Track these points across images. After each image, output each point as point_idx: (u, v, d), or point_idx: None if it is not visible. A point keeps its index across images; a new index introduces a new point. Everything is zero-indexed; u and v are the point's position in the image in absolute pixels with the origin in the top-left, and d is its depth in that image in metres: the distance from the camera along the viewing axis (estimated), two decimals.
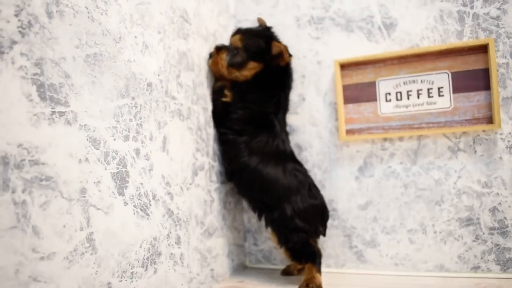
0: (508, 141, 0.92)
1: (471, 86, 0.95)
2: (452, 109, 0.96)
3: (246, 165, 0.95)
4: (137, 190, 0.72)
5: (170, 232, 0.81)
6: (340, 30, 1.05)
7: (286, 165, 0.97)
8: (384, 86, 1.01)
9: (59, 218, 0.56)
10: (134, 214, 0.70)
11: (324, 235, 0.99)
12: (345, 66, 1.04)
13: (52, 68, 0.56)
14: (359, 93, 1.03)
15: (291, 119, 1.08)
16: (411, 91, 0.99)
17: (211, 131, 1.00)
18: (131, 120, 0.71)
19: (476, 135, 0.95)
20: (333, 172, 1.07)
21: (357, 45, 1.04)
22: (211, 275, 0.96)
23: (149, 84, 0.77)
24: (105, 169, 0.64)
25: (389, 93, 1.01)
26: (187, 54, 0.92)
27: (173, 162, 0.84)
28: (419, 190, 1.00)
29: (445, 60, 0.96)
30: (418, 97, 0.99)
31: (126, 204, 0.69)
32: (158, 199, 0.78)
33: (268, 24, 1.10)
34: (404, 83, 1.00)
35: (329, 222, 1.03)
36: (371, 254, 1.04)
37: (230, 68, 0.98)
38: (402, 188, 1.01)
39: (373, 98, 1.02)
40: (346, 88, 1.04)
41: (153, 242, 0.75)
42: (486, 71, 0.93)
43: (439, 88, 0.97)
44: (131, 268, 0.69)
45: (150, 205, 0.75)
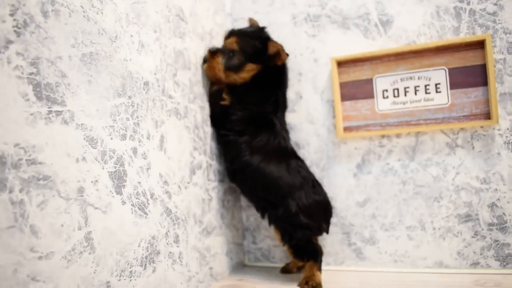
0: (506, 137, 0.92)
1: (469, 82, 0.95)
2: (450, 105, 0.96)
3: (248, 164, 0.95)
4: (135, 189, 0.72)
5: (169, 231, 0.81)
6: (337, 28, 1.05)
7: (289, 162, 0.97)
8: (381, 83, 1.01)
9: (57, 218, 0.56)
10: (132, 213, 0.70)
11: (327, 232, 0.99)
12: (342, 64, 1.04)
13: (48, 68, 0.56)
14: (356, 90, 1.03)
15: (289, 117, 1.08)
16: (409, 88, 0.99)
17: (209, 130, 1.00)
18: (128, 119, 0.71)
19: (474, 131, 0.95)
20: (331, 170, 1.07)
21: (354, 42, 1.04)
22: (210, 274, 0.96)
23: (146, 83, 0.77)
24: (103, 168, 0.64)
25: (386, 90, 1.01)
26: (184, 53, 0.92)
27: (171, 161, 0.83)
28: (418, 187, 1.00)
29: (442, 56, 0.96)
30: (416, 94, 0.99)
31: (124, 203, 0.69)
32: (156, 198, 0.77)
33: (265, 23, 1.10)
34: (401, 80, 1.00)
35: None
36: (370, 251, 1.04)
37: (228, 72, 0.96)
38: (401, 185, 1.01)
39: (370, 95, 1.02)
40: (343, 86, 1.04)
41: (152, 241, 0.75)
42: (483, 67, 0.93)
43: (437, 85, 0.97)
44: (130, 267, 0.69)
45: (148, 204, 0.75)
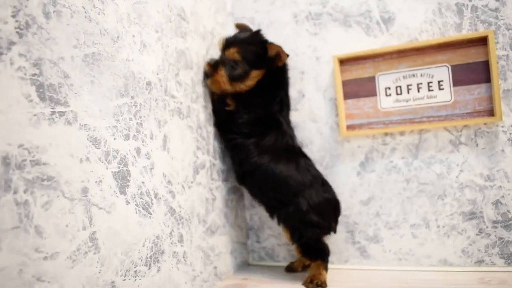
0: (510, 134, 0.92)
1: (471, 79, 0.94)
2: (453, 103, 0.96)
3: (258, 165, 0.95)
4: (139, 189, 0.72)
5: (173, 231, 0.81)
6: (338, 26, 1.05)
7: (298, 161, 0.97)
8: (384, 81, 1.01)
9: (62, 218, 0.56)
10: (136, 213, 0.70)
11: (335, 232, 0.99)
12: (344, 62, 1.04)
13: (51, 68, 0.56)
14: (359, 88, 1.03)
15: (291, 116, 1.07)
16: (411, 85, 0.99)
17: (211, 129, 1.00)
18: (131, 119, 0.71)
19: (478, 128, 0.95)
20: (335, 168, 1.07)
21: (356, 40, 1.04)
22: (215, 273, 0.96)
23: (148, 83, 0.77)
24: (106, 169, 0.64)
25: (389, 88, 1.00)
26: (186, 53, 0.92)
27: (174, 161, 0.84)
28: (421, 185, 0.99)
29: (445, 53, 0.96)
30: (418, 91, 0.98)
31: (128, 203, 0.69)
32: (160, 198, 0.78)
33: (266, 22, 1.10)
34: (404, 77, 0.99)
35: None
36: (374, 250, 1.04)
37: (233, 83, 0.96)
38: (404, 183, 1.01)
39: (373, 93, 1.02)
40: (346, 84, 1.04)
41: (156, 241, 0.75)
42: (486, 64, 0.93)
43: (439, 82, 0.97)
44: (135, 267, 0.69)
45: (152, 204, 0.75)
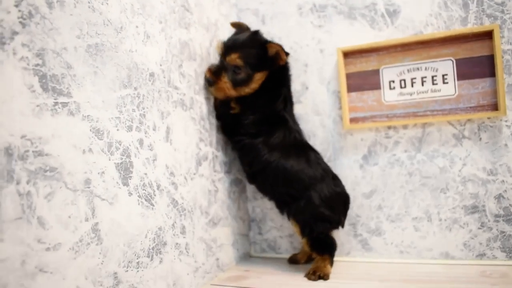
0: None
1: (476, 73, 0.94)
2: (457, 96, 0.95)
3: (269, 162, 0.94)
4: (141, 181, 0.72)
5: (175, 222, 0.81)
6: (343, 18, 1.04)
7: (309, 155, 0.97)
8: (388, 74, 1.00)
9: (64, 209, 0.56)
10: (139, 204, 0.71)
11: (343, 226, 0.99)
12: (348, 54, 1.03)
13: (54, 59, 0.56)
14: (363, 81, 1.02)
15: (295, 109, 1.07)
16: (415, 79, 0.98)
17: (214, 121, 1.00)
18: (134, 111, 0.71)
19: (481, 122, 0.94)
20: (337, 161, 1.07)
21: (360, 33, 1.03)
22: (217, 265, 0.96)
23: (152, 74, 0.77)
24: (109, 160, 0.64)
25: (393, 81, 1.00)
26: (189, 44, 0.91)
27: (177, 152, 0.83)
28: (424, 178, 0.99)
29: (450, 47, 0.95)
30: (422, 85, 0.98)
31: (131, 195, 0.69)
32: (163, 189, 0.78)
33: (270, 13, 1.09)
34: (408, 71, 0.99)
35: None
36: (376, 242, 1.04)
37: (237, 88, 0.95)
38: (407, 176, 1.01)
39: (377, 86, 1.01)
40: (350, 76, 1.03)
41: (158, 232, 0.75)
42: (491, 58, 0.92)
43: (444, 75, 0.96)
44: (137, 258, 0.69)
45: (155, 195, 0.75)
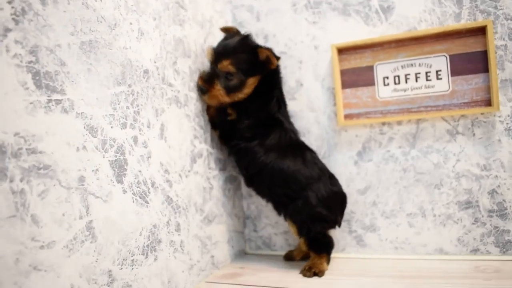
0: (507, 124, 0.92)
1: (470, 69, 0.94)
2: (451, 92, 0.96)
3: (265, 164, 0.94)
4: (136, 178, 0.71)
5: (170, 220, 0.81)
6: (337, 15, 1.04)
7: (305, 155, 0.96)
8: (382, 70, 1.00)
9: (58, 207, 0.56)
10: (133, 202, 0.70)
11: (340, 226, 0.99)
12: (343, 51, 1.03)
13: (47, 56, 0.56)
14: (357, 78, 1.03)
15: (289, 105, 1.07)
16: (409, 75, 0.98)
17: None
18: (128, 108, 0.71)
19: (475, 118, 0.95)
20: (332, 157, 1.07)
21: (355, 29, 1.03)
22: (212, 262, 0.96)
23: (146, 71, 0.76)
24: (103, 157, 0.64)
25: (387, 77, 1.00)
26: (183, 41, 0.91)
27: (171, 150, 0.83)
28: (418, 174, 1.00)
29: (443, 43, 0.96)
30: (416, 81, 0.98)
31: (125, 192, 0.68)
32: (157, 187, 0.77)
33: (264, 10, 1.09)
34: (402, 67, 0.99)
35: None
36: (371, 238, 1.05)
37: (231, 94, 0.95)
38: (401, 172, 1.01)
39: (371, 83, 1.02)
40: (344, 73, 1.04)
41: (153, 230, 0.75)
42: (485, 54, 0.92)
43: (437, 71, 0.97)
44: (132, 256, 0.69)
45: (149, 193, 0.75)
